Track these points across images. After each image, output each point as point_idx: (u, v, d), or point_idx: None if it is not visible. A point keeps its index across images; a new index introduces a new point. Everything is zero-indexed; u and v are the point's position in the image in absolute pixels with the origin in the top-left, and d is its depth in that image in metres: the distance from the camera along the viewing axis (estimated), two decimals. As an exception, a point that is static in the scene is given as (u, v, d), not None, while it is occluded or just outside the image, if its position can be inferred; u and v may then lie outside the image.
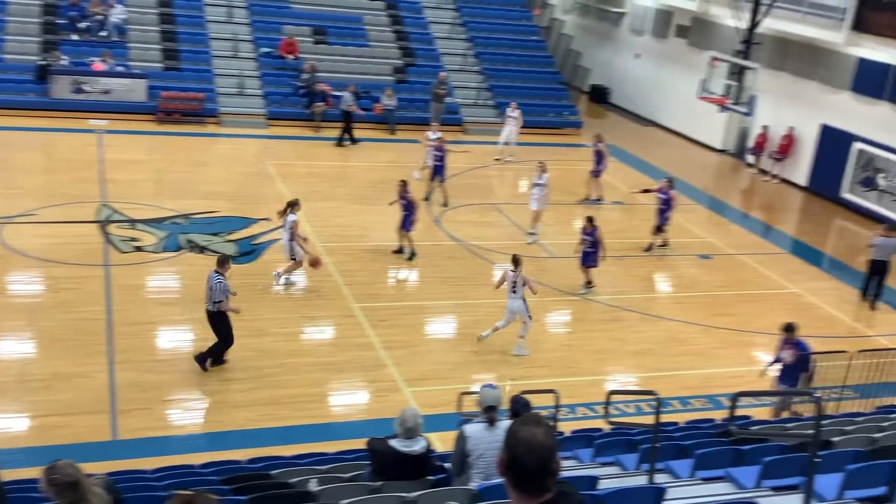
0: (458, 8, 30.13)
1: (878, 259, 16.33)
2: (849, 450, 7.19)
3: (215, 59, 25.62)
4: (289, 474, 7.60)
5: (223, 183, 19.96)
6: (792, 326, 11.43)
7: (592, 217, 15.73)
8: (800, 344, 11.36)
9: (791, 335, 11.37)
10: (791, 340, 11.35)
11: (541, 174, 17.85)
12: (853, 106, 22.43)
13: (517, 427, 2.78)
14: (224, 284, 11.85)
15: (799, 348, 11.32)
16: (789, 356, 11.30)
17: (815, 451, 5.73)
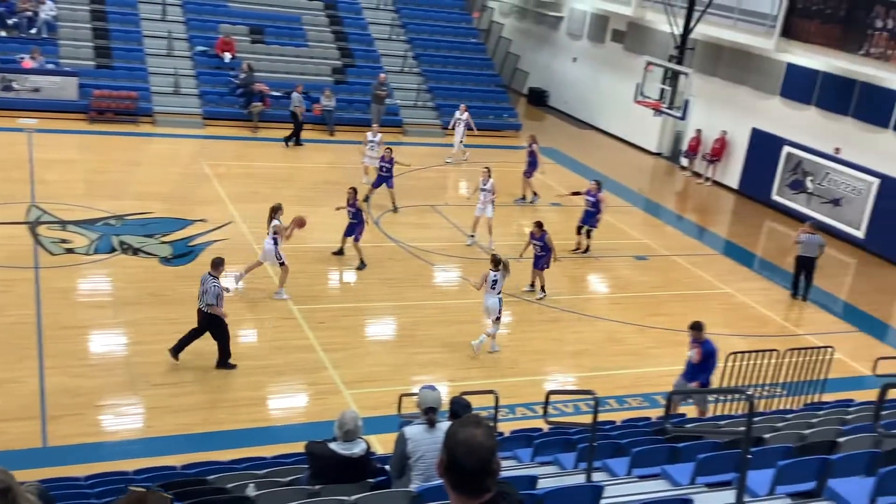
0: (398, 9, 30.10)
1: (804, 255, 17.00)
2: (779, 446, 7.38)
3: (149, 58, 25.12)
4: (225, 479, 7.49)
5: (158, 184, 19.58)
6: (699, 325, 11.36)
7: (541, 222, 15.86)
8: (706, 343, 11.30)
9: (698, 334, 11.32)
10: (698, 339, 11.31)
11: (486, 180, 17.77)
12: (783, 111, 23.07)
13: (457, 428, 2.78)
14: (218, 287, 11.86)
15: (704, 347, 11.26)
16: (696, 355, 11.28)
17: (747, 448, 5.86)
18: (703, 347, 11.26)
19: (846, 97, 21.27)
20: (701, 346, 11.26)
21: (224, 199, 18.80)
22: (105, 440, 10.54)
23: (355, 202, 16.12)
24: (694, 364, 11.34)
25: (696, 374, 11.35)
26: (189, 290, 14.45)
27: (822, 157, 21.85)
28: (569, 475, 7.88)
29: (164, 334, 12.91)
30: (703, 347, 11.26)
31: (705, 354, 11.24)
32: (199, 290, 11.99)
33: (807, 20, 21.19)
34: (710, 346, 11.31)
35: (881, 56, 19.35)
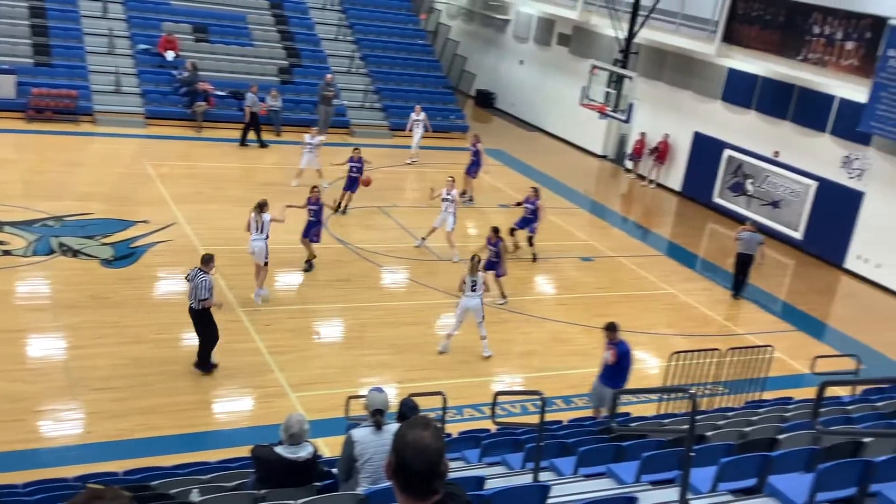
0: (345, 10, 29.96)
1: (743, 252, 17.55)
2: (721, 443, 7.51)
3: (90, 56, 24.59)
4: (169, 485, 7.36)
5: (98, 184, 19.17)
6: (613, 326, 11.40)
7: (498, 228, 15.90)
8: (620, 344, 11.32)
9: (613, 335, 11.34)
10: (613, 340, 11.34)
11: (449, 189, 17.60)
12: (724, 115, 23.54)
13: (405, 430, 2.77)
14: (209, 282, 11.70)
15: (619, 348, 11.29)
16: (611, 356, 11.30)
17: (690, 446, 5.95)
18: (618, 348, 11.29)
19: (785, 102, 21.79)
20: (616, 347, 11.29)
21: (167, 200, 18.49)
22: (44, 446, 10.28)
23: (318, 200, 15.90)
24: (609, 365, 11.36)
25: (611, 375, 11.39)
26: (131, 292, 14.22)
27: (762, 160, 22.34)
28: (516, 475, 7.92)
29: (105, 338, 12.68)
30: (617, 348, 11.29)
31: (620, 355, 11.27)
32: (188, 287, 11.87)
33: (747, 26, 21.66)
34: (624, 346, 11.34)
35: (818, 62, 19.86)
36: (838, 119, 20.47)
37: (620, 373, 11.34)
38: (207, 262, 11.97)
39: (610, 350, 11.32)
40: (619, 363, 11.28)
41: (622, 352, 11.29)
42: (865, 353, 14.63)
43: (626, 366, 11.35)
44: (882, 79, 17.84)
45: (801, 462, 6.76)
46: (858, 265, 20.07)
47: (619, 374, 11.34)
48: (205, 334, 12.08)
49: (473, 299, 13.54)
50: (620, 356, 11.27)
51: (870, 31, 18.61)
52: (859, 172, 20.09)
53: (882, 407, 9.61)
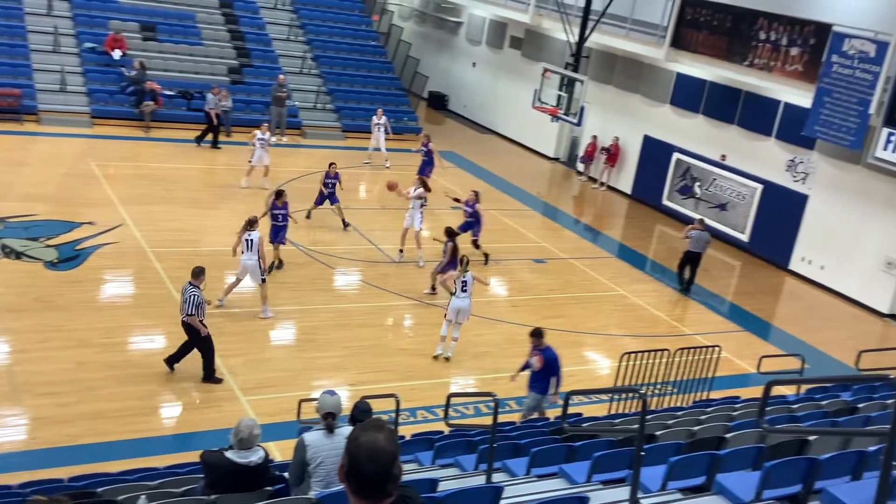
0: (296, 10, 29.75)
1: (692, 250, 18.06)
2: (671, 443, 7.61)
3: (34, 54, 24.02)
4: (116, 491, 7.22)
5: (43, 184, 18.74)
6: (538, 332, 11.46)
7: (451, 229, 15.91)
8: (546, 350, 11.36)
9: (538, 341, 11.39)
10: (539, 346, 11.37)
11: (416, 188, 17.53)
12: (673, 118, 23.89)
13: (358, 433, 2.75)
14: (199, 297, 11.58)
15: (545, 354, 11.33)
16: (537, 362, 11.32)
17: (640, 445, 6.02)
18: (544, 354, 11.33)
19: (732, 106, 22.19)
20: (542, 353, 11.33)
21: (114, 201, 18.16)
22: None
23: (286, 205, 15.83)
24: (536, 371, 11.39)
25: (538, 381, 11.46)
26: (76, 295, 13.93)
27: (709, 163, 22.73)
28: (469, 477, 7.94)
29: (49, 342, 12.40)
30: (543, 354, 11.33)
31: (547, 361, 11.32)
32: (181, 300, 11.76)
33: (695, 31, 22.01)
34: (550, 353, 11.39)
35: (764, 67, 20.27)
36: (783, 123, 20.91)
37: (547, 378, 11.41)
38: (197, 276, 11.86)
39: (536, 356, 11.36)
40: (546, 369, 11.33)
41: (549, 358, 11.35)
42: (809, 353, 14.98)
43: (554, 371, 11.40)
44: (825, 84, 18.28)
45: (748, 460, 6.87)
46: (803, 267, 20.53)
47: (545, 380, 11.41)
48: (202, 347, 11.96)
49: (464, 300, 13.65)
50: (548, 362, 11.32)
51: (814, 37, 19.05)
52: (803, 176, 20.55)
53: (826, 405, 9.83)
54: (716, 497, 6.40)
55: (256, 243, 14.00)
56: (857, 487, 6.09)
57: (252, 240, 14.01)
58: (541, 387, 11.46)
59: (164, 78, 24.80)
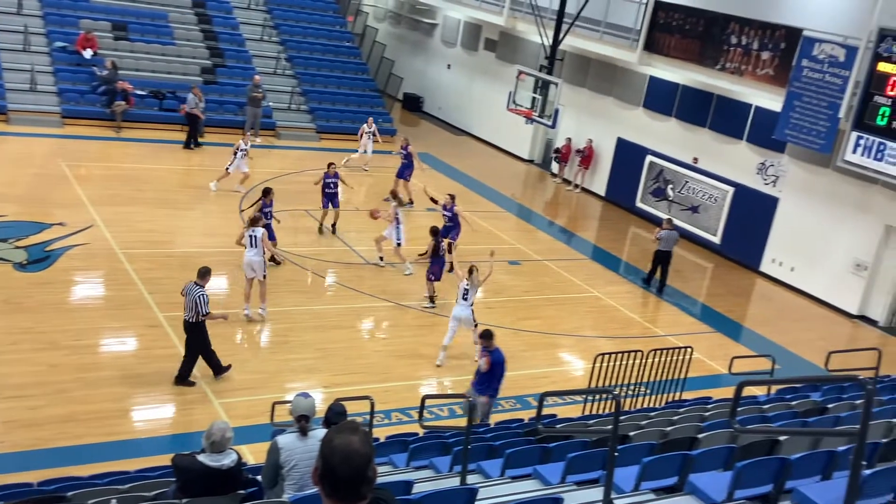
0: (270, 10, 29.60)
1: (662, 250, 18.41)
2: (644, 443, 7.66)
3: (4, 53, 23.69)
4: (86, 496, 7.13)
5: (11, 185, 18.48)
6: (488, 334, 11.44)
7: (436, 228, 16.03)
8: (495, 352, 11.34)
9: (488, 342, 11.36)
10: (488, 348, 11.35)
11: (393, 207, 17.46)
12: (646, 121, 24.06)
13: (333, 435, 2.74)
14: (206, 297, 11.63)
15: (493, 356, 11.29)
16: (484, 364, 11.32)
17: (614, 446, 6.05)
18: (492, 356, 11.30)
19: (704, 110, 22.39)
20: (490, 354, 11.31)
21: (84, 202, 17.95)
22: (-49, 458, 9.85)
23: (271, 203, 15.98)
24: (483, 373, 11.36)
25: (484, 383, 11.41)
26: (46, 297, 13.75)
27: (682, 166, 22.92)
28: (444, 478, 7.93)
29: (18, 344, 12.23)
30: (492, 356, 11.29)
31: (494, 363, 11.28)
32: (185, 302, 11.71)
33: (668, 35, 22.18)
34: (498, 355, 11.36)
35: (736, 71, 20.47)
36: (754, 127, 21.13)
37: (493, 380, 11.37)
38: (203, 276, 11.91)
39: (484, 357, 11.35)
40: (492, 371, 11.30)
41: (496, 360, 11.30)
42: (780, 354, 15.13)
43: (499, 374, 11.37)
44: (796, 88, 18.50)
45: (720, 460, 6.93)
46: (773, 268, 20.75)
47: (491, 382, 11.37)
48: (195, 348, 11.93)
49: (465, 309, 13.74)
50: (494, 364, 11.28)
51: (784, 41, 19.27)
52: (774, 179, 20.78)
53: (796, 406, 9.94)
54: (688, 497, 6.44)
55: (260, 239, 14.05)
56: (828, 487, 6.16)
57: (256, 236, 14.08)
58: (485, 389, 11.38)
59: (136, 78, 24.57)
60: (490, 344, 11.35)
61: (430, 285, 15.93)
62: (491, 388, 11.41)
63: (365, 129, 23.93)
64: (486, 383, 11.41)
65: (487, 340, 11.39)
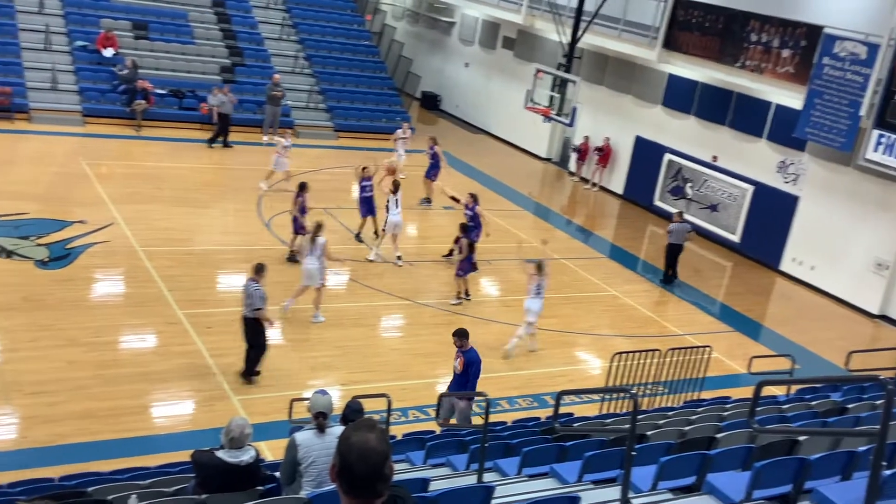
0: (289, 9, 29.70)
1: (673, 243, 18.56)
2: (661, 442, 7.63)
3: (25, 52, 23.93)
4: (106, 491, 7.20)
5: (33, 183, 18.66)
6: (461, 332, 11.01)
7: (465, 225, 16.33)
8: (469, 352, 10.93)
9: (462, 342, 10.94)
10: (462, 348, 10.93)
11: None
12: (664, 119, 23.94)
13: (350, 433, 2.75)
14: (262, 292, 11.79)
15: (466, 356, 10.89)
16: (458, 365, 10.92)
17: (631, 445, 6.03)
18: (466, 356, 10.90)
19: (723, 108, 22.25)
20: (464, 355, 10.91)
21: (105, 200, 18.10)
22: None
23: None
24: (458, 374, 10.98)
25: (458, 384, 11.02)
26: (66, 294, 13.88)
27: (701, 164, 22.79)
28: (461, 476, 7.94)
29: (39, 341, 12.35)
30: (465, 357, 10.89)
31: (467, 363, 10.86)
32: (243, 297, 11.97)
33: (687, 33, 22.06)
34: (472, 355, 10.95)
35: (756, 69, 20.33)
36: (774, 125, 20.98)
37: (468, 382, 10.93)
38: (259, 272, 12.07)
39: (458, 358, 10.94)
40: (466, 371, 10.86)
41: (469, 360, 10.88)
42: (800, 354, 15.04)
43: (473, 374, 10.94)
44: (816, 86, 18.35)
45: (739, 460, 6.90)
46: (793, 267, 20.60)
47: (466, 384, 10.93)
48: (255, 343, 12.09)
49: (537, 301, 14.08)
50: (468, 364, 10.86)
51: (805, 39, 19.12)
52: (794, 177, 20.63)
53: (816, 406, 9.87)
54: (706, 497, 6.42)
55: (321, 248, 14.11)
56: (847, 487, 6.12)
57: (318, 245, 14.16)
58: (460, 390, 10.99)
59: (156, 77, 24.73)
60: (464, 343, 10.92)
61: (459, 282, 15.98)
62: (466, 389, 10.94)
63: (399, 135, 23.63)
64: (460, 384, 10.99)
65: (462, 339, 10.92)
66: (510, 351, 14.13)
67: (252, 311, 11.90)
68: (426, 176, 21.61)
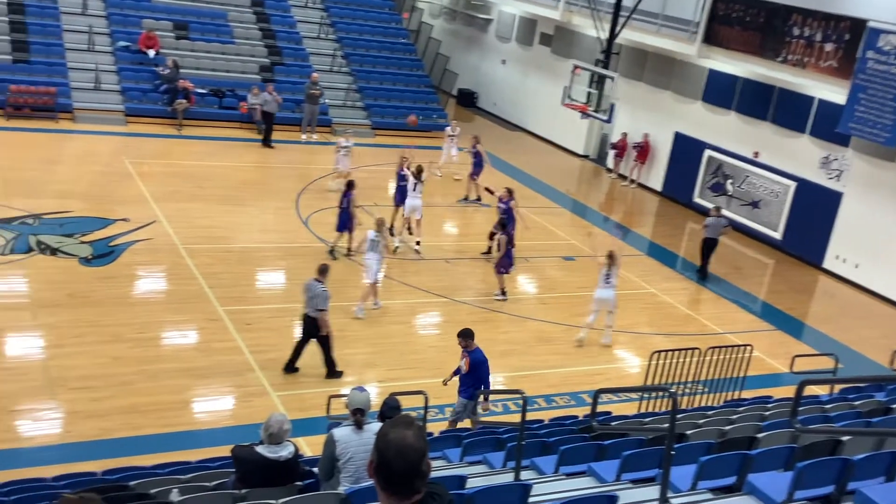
0: (327, 8, 29.88)
1: (709, 237, 18.66)
2: (701, 442, 7.56)
3: (69, 53, 24.37)
4: (148, 485, 7.31)
5: (77, 182, 19.02)
6: (466, 333, 10.72)
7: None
8: (475, 352, 10.67)
9: (467, 342, 10.66)
10: (468, 348, 10.67)
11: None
12: (704, 115, 23.67)
13: (388, 429, 2.77)
14: (328, 293, 12.21)
15: (472, 357, 10.64)
16: (465, 365, 10.68)
17: (670, 444, 5.98)
18: (472, 357, 10.66)
19: (765, 103, 21.94)
20: (469, 355, 10.67)
21: (147, 198, 18.37)
22: (21, 446, 10.18)
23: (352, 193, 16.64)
24: (464, 375, 10.76)
25: (466, 385, 10.79)
26: (110, 291, 14.12)
27: (742, 160, 22.50)
28: (497, 474, 7.93)
29: (83, 337, 12.58)
30: (470, 357, 10.66)
31: (473, 364, 10.63)
32: (306, 296, 12.23)
33: (727, 27, 21.79)
34: (478, 354, 10.70)
35: (798, 63, 20.02)
36: (817, 120, 20.64)
37: (476, 382, 10.72)
38: (324, 273, 12.35)
39: (464, 358, 10.72)
40: (473, 372, 10.66)
41: (476, 360, 10.65)
42: (843, 353, 14.79)
43: (482, 375, 10.70)
44: (860, 80, 18.02)
45: (780, 460, 6.81)
46: (837, 265, 20.26)
47: (474, 384, 10.73)
48: (323, 341, 12.38)
49: (607, 290, 14.40)
50: (474, 365, 10.64)
51: (849, 32, 18.78)
52: (838, 173, 20.28)
53: (860, 405, 9.70)
54: (747, 497, 6.35)
55: (381, 244, 14.53)
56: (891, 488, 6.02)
57: (377, 240, 14.51)
58: (469, 392, 10.76)
59: (197, 76, 25.03)
60: (469, 343, 10.68)
61: (500, 278, 16.02)
62: (475, 389, 10.73)
63: (448, 133, 23.53)
64: (469, 385, 10.77)
65: (466, 340, 10.68)
66: (582, 339, 14.68)
67: (315, 312, 12.13)
68: (470, 176, 21.55)
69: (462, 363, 10.83)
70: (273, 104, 23.77)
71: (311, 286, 12.20)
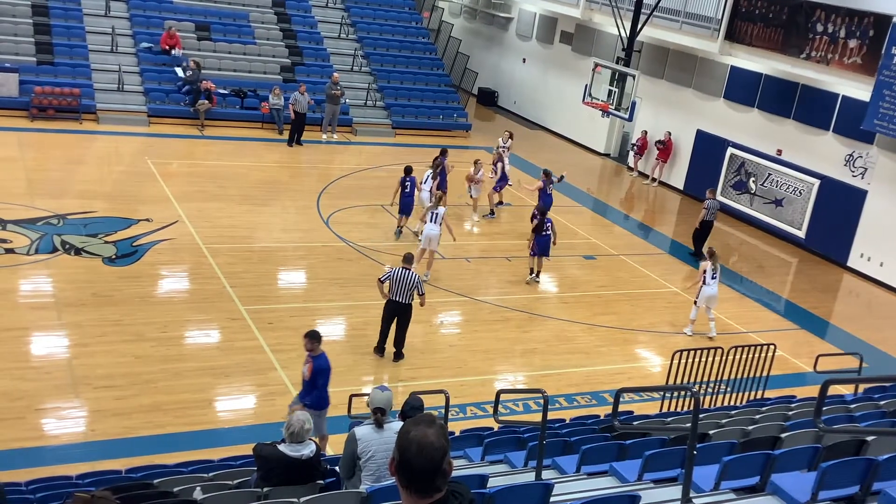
0: (347, 8, 29.97)
1: (709, 220, 19.23)
2: (724, 442, 7.51)
3: (93, 54, 24.60)
4: (172, 483, 7.36)
5: (101, 182, 19.20)
6: (312, 334, 9.80)
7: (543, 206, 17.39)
8: (319, 357, 9.75)
9: (311, 346, 9.74)
10: (312, 353, 9.73)
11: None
12: (726, 112, 23.51)
13: (409, 427, 2.78)
14: (419, 277, 12.87)
15: (316, 362, 9.71)
16: (307, 371, 9.74)
17: (693, 444, 5.95)
18: (315, 363, 9.70)
19: (788, 100, 21.76)
20: (313, 360, 9.72)
21: (170, 198, 18.51)
22: (46, 444, 10.30)
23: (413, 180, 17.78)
24: (305, 381, 9.84)
25: (307, 392, 9.82)
26: (133, 290, 14.24)
27: (765, 158, 22.32)
28: (519, 473, 7.92)
29: (107, 336, 12.69)
30: (314, 362, 9.70)
31: (316, 370, 9.67)
32: (403, 285, 12.64)
33: (750, 24, 21.63)
34: (322, 361, 9.74)
35: (821, 60, 19.83)
36: (841, 117, 20.44)
37: (314, 390, 9.75)
38: (409, 261, 12.88)
39: (307, 364, 9.76)
40: (314, 379, 9.71)
41: (319, 367, 9.68)
42: (868, 352, 14.64)
43: (321, 383, 9.73)
44: (885, 77, 17.82)
45: (804, 460, 6.75)
46: (861, 263, 20.06)
47: (312, 391, 9.78)
48: (405, 326, 12.98)
49: (713, 287, 15.13)
50: (317, 372, 9.67)
51: (873, 29, 18.58)
52: (862, 171, 20.07)
53: (885, 405, 9.60)
54: (770, 497, 6.30)
55: (441, 216, 15.87)
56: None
57: (438, 213, 15.86)
58: (309, 399, 9.75)
59: (219, 77, 25.18)
60: (315, 348, 9.68)
61: (532, 259, 16.77)
62: (314, 397, 9.76)
63: (499, 144, 22.42)
64: (308, 392, 9.83)
65: (312, 342, 9.67)
66: (688, 333, 15.36)
67: (410, 298, 12.71)
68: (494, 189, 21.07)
69: (304, 368, 9.81)
70: (304, 104, 23.87)
71: (402, 275, 12.63)
